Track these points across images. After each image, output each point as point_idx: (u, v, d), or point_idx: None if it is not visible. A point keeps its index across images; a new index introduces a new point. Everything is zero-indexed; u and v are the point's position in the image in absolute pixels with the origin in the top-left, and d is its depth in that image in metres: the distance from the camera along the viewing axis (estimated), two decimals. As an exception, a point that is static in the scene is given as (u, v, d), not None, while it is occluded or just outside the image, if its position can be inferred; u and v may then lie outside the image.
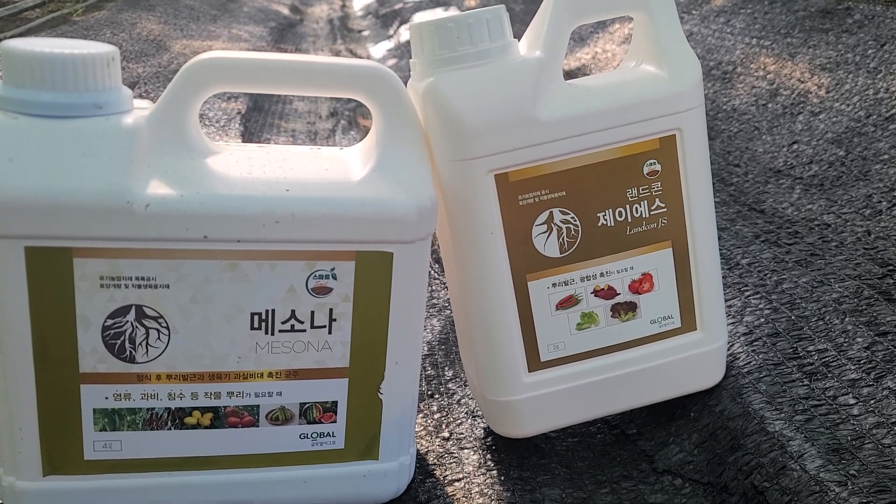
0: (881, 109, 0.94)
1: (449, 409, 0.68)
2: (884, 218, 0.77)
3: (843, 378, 0.57)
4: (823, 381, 0.57)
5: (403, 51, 2.25)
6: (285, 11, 3.16)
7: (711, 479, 0.55)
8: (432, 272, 0.92)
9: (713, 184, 0.58)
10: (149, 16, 2.30)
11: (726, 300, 0.68)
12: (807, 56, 1.12)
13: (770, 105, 1.08)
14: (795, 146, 0.97)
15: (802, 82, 1.07)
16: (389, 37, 2.54)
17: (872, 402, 0.54)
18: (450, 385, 0.71)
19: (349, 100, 1.87)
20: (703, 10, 1.44)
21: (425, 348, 0.76)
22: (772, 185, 0.91)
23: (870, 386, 0.56)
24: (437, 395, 0.69)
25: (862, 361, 0.58)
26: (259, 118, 1.64)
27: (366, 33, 2.83)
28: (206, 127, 1.41)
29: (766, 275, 0.72)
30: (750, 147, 1.02)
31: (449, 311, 0.83)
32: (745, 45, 1.24)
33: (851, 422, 0.53)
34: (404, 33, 2.40)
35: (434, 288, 0.88)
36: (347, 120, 1.68)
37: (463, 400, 0.68)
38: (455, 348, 0.76)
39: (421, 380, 0.71)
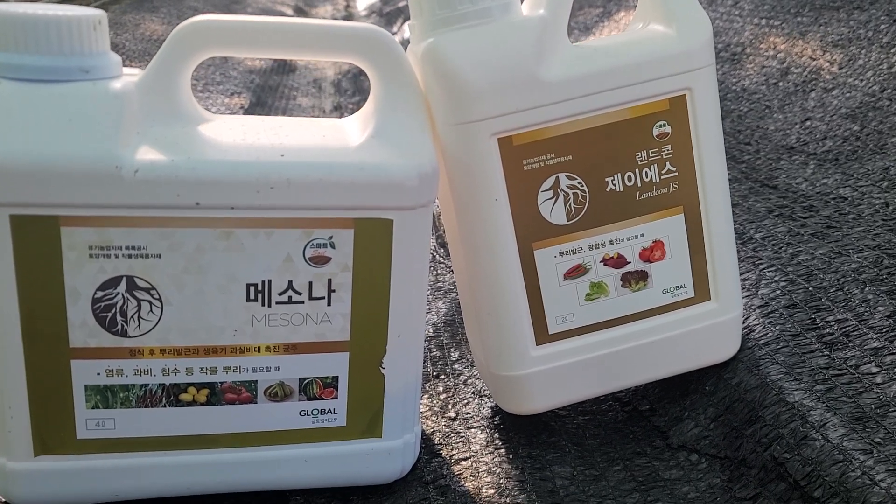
0: (896, 83, 0.92)
1: (455, 389, 0.65)
2: (902, 189, 0.75)
3: (865, 347, 0.55)
4: (844, 351, 0.55)
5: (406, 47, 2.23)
6: (289, 12, 3.15)
7: (729, 454, 0.53)
8: (437, 256, 0.90)
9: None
10: (152, 17, 2.29)
11: (740, 274, 0.66)
12: (818, 34, 1.09)
13: (781, 84, 1.06)
14: (808, 123, 0.95)
15: (814, 60, 1.05)
16: (394, 34, 2.53)
17: (896, 370, 0.52)
18: (456, 366, 0.69)
19: (353, 93, 1.85)
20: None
21: (430, 330, 0.74)
22: (784, 161, 0.89)
23: (893, 354, 0.53)
24: (442, 376, 0.67)
25: (884, 330, 0.56)
26: (262, 113, 1.62)
27: (370, 32, 2.82)
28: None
29: (781, 248, 0.70)
30: (761, 125, 1.00)
31: (454, 294, 0.81)
32: (754, 25, 1.22)
33: (875, 390, 0.51)
34: (408, 30, 2.39)
35: (438, 271, 0.86)
36: (351, 113, 1.66)
37: (469, 380, 0.66)
38: (461, 330, 0.74)
39: (426, 361, 0.69)
